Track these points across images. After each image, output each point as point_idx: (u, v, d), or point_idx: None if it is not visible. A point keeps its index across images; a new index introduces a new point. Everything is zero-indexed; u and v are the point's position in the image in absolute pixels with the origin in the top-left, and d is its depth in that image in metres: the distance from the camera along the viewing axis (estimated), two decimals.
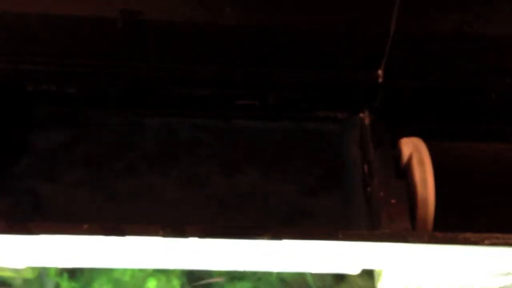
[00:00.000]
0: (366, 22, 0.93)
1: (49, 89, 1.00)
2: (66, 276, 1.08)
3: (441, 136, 0.99)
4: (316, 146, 1.03)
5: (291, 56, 0.98)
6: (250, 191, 0.98)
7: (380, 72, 0.98)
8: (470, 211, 0.90)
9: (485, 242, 0.77)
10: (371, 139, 0.97)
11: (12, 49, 0.96)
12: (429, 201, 0.87)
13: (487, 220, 0.90)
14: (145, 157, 1.01)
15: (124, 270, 1.11)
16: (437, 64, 0.97)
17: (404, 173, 0.92)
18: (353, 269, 0.90)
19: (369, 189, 0.95)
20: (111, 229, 0.76)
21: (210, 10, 0.91)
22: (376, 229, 0.88)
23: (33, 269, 1.01)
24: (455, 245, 0.77)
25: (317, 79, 0.99)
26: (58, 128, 1.03)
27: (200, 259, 0.85)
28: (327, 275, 1.10)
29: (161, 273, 1.11)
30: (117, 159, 1.00)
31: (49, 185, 0.97)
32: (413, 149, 0.92)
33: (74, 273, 1.09)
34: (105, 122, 1.03)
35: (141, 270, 1.11)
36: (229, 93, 1.02)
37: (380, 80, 0.98)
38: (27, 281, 1.05)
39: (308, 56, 0.98)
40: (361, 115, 1.03)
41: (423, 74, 0.98)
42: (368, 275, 1.03)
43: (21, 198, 0.96)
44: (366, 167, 0.98)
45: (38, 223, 0.76)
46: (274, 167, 1.00)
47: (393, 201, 0.87)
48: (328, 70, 0.99)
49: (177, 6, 0.91)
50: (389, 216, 0.85)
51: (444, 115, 1.02)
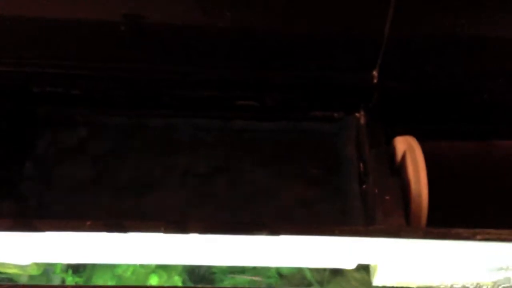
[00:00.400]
0: (361, 24, 0.95)
1: (54, 91, 1.02)
2: (71, 272, 1.10)
3: (435, 136, 1.00)
4: (313, 145, 1.04)
5: (288, 58, 1.00)
6: (249, 189, 1.00)
7: (375, 73, 1.00)
8: (463, 208, 0.92)
9: (477, 237, 0.77)
10: (366, 138, 0.98)
11: (17, 52, 0.98)
12: (423, 197, 0.88)
13: (480, 216, 0.91)
14: (147, 157, 1.02)
15: (127, 266, 1.13)
16: (430, 66, 0.99)
17: (398, 170, 0.94)
18: (348, 264, 0.92)
19: (364, 186, 0.97)
20: (113, 226, 0.77)
21: (210, 13, 0.94)
22: (371, 225, 0.90)
23: (38, 265, 1.02)
24: (447, 240, 0.78)
25: (313, 80, 1.01)
26: (63, 129, 1.04)
27: (201, 255, 0.86)
28: (324, 269, 1.11)
29: (163, 269, 1.13)
30: (120, 159, 1.02)
31: (54, 185, 0.99)
32: (407, 148, 0.93)
33: (78, 269, 1.11)
34: (109, 123, 1.05)
35: (143, 266, 1.13)
36: (228, 94, 1.03)
37: (375, 81, 1.00)
38: (33, 278, 1.07)
39: (305, 58, 1.00)
40: (357, 115, 1.04)
41: (417, 75, 0.99)
42: (365, 270, 1.04)
43: (26, 198, 0.97)
44: (361, 165, 0.99)
45: (43, 220, 0.77)
46: (272, 165, 1.02)
47: (387, 197, 0.88)
48: (325, 72, 1.00)
49: (178, 10, 0.93)
50: (384, 212, 0.86)
51: (438, 115, 1.04)
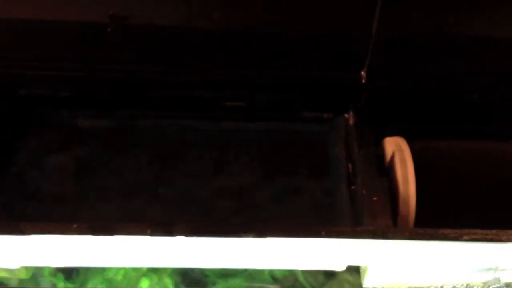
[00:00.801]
0: (349, 25, 0.95)
1: (42, 93, 1.02)
2: (61, 275, 1.10)
3: (424, 136, 0.99)
4: (302, 146, 1.04)
5: (277, 59, 1.00)
6: (239, 190, 0.99)
7: (363, 74, 1.00)
8: (451, 208, 0.92)
9: (464, 237, 0.77)
10: (355, 138, 0.98)
11: (4, 54, 0.98)
12: (410, 198, 0.88)
13: (469, 216, 0.91)
14: (136, 158, 1.02)
15: (118, 270, 1.13)
16: (419, 65, 0.99)
17: (387, 171, 0.94)
18: (338, 266, 0.91)
19: (353, 187, 0.96)
20: (99, 229, 0.77)
21: (198, 14, 0.94)
22: (359, 226, 0.89)
23: (27, 269, 1.02)
24: (435, 241, 0.78)
25: (302, 81, 1.01)
26: (51, 131, 1.04)
27: (192, 258, 0.86)
28: (317, 272, 1.11)
29: (154, 272, 1.13)
30: (109, 160, 1.02)
31: (42, 187, 0.98)
32: (396, 148, 0.93)
33: (69, 273, 1.10)
34: (97, 124, 1.05)
35: (134, 270, 1.12)
36: (217, 95, 1.04)
37: (364, 81, 1.00)
38: (22, 281, 1.06)
39: (294, 59, 1.00)
40: (346, 115, 1.04)
41: (405, 75, 1.00)
42: (357, 272, 1.04)
43: (14, 200, 0.97)
44: (350, 166, 0.99)
45: (29, 223, 0.76)
46: (262, 166, 1.02)
47: (375, 198, 0.87)
48: (313, 72, 1.01)
49: (165, 11, 0.94)
50: (371, 213, 0.86)
51: (426, 115, 1.04)
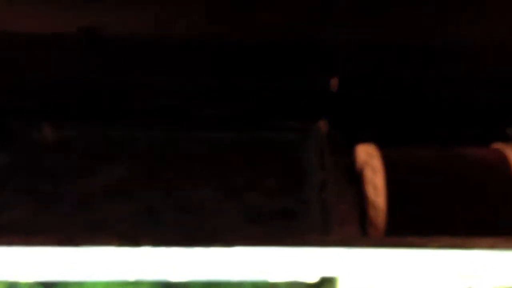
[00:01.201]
0: (319, 33, 0.95)
1: (10, 105, 1.02)
2: None
3: (397, 143, 0.99)
4: (274, 155, 1.04)
5: (248, 67, 1.00)
6: (210, 200, 0.99)
7: (335, 82, 1.00)
8: (424, 215, 0.91)
9: (431, 245, 0.78)
10: (327, 147, 0.99)
11: None
12: (380, 207, 0.88)
13: (439, 224, 0.90)
14: (106, 169, 1.02)
15: (94, 284, 1.12)
16: (391, 73, 0.99)
17: (357, 179, 0.93)
18: (310, 277, 0.91)
19: (323, 195, 0.96)
20: (64, 240, 0.77)
21: (167, 24, 0.94)
22: (328, 234, 0.89)
23: (2, 283, 1.02)
24: (402, 248, 0.78)
25: (273, 89, 1.01)
26: (20, 142, 1.04)
27: (170, 270, 0.86)
28: (301, 283, 1.10)
29: (131, 285, 1.12)
30: (80, 171, 1.01)
31: (14, 199, 0.98)
32: (367, 156, 0.93)
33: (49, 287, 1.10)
34: (68, 135, 1.04)
35: (110, 283, 1.12)
36: (188, 105, 1.03)
37: (335, 89, 1.00)
38: None
39: (265, 67, 1.00)
40: (318, 123, 1.04)
41: (377, 83, 1.00)
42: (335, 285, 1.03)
43: None
44: (322, 174, 0.99)
45: None
46: (233, 175, 1.01)
47: (343, 206, 0.88)
48: (285, 81, 1.01)
49: (136, 21, 0.94)
50: (340, 221, 0.86)
51: (399, 122, 1.03)
